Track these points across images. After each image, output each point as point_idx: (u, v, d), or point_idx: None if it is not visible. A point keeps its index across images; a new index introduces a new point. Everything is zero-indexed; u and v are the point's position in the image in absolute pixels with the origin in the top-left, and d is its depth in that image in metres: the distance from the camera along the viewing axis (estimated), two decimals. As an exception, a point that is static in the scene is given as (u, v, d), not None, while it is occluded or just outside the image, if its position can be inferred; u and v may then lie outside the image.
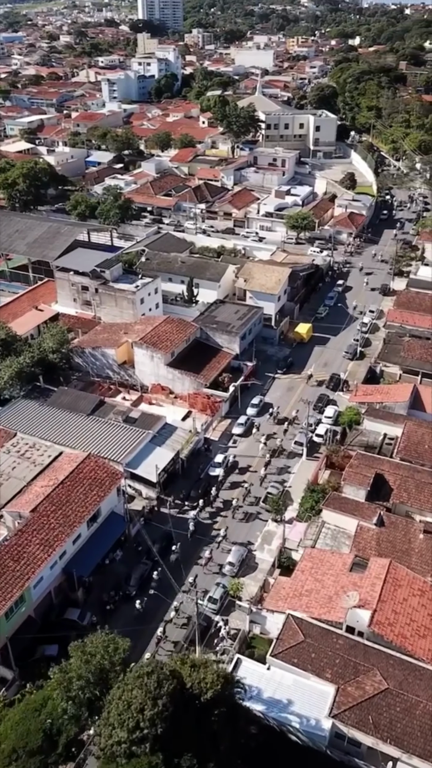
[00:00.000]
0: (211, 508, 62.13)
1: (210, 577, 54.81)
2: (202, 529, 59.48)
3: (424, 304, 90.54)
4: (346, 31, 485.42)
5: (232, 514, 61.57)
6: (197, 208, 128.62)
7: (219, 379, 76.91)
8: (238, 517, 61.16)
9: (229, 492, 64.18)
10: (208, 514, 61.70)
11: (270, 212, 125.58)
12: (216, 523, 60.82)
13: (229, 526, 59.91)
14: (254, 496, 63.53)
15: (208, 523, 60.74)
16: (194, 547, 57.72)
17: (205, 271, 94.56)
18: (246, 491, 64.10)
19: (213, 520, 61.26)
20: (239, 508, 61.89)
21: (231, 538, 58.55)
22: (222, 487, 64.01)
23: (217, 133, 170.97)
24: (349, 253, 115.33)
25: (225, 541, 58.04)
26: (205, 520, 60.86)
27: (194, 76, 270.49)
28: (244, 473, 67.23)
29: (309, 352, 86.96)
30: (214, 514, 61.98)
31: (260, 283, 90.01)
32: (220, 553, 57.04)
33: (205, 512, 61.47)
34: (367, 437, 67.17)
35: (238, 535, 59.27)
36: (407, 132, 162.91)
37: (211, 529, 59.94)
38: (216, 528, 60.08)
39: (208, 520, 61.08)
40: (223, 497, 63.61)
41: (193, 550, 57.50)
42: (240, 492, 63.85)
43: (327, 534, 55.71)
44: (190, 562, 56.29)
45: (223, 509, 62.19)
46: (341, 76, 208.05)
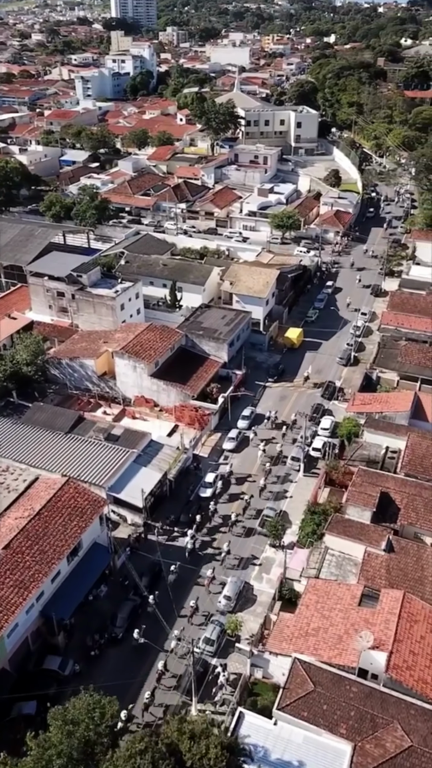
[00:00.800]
0: (205, 531, 57.47)
1: (213, 597, 50.76)
2: (196, 554, 54.80)
3: (419, 306, 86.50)
4: (321, 29, 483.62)
5: (230, 528, 57.17)
6: (177, 207, 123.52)
7: (207, 390, 71.92)
8: (238, 533, 56.97)
9: (227, 505, 59.98)
10: (207, 529, 57.58)
11: (253, 211, 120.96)
12: (215, 540, 56.62)
13: (230, 541, 55.85)
14: (254, 509, 59.12)
15: (207, 540, 56.59)
16: (192, 568, 53.52)
17: (188, 273, 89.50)
18: (246, 503, 59.67)
19: (212, 537, 56.95)
20: (238, 523, 57.67)
21: (233, 553, 54.93)
22: (214, 510, 59.17)
23: (196, 130, 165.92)
24: (336, 253, 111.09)
25: (228, 557, 54.14)
26: (203, 536, 56.92)
27: (170, 73, 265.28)
28: (242, 483, 63.03)
29: (301, 358, 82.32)
30: (212, 530, 57.76)
31: (247, 285, 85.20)
32: (224, 569, 53.19)
33: (201, 533, 57.16)
34: (368, 451, 62.65)
35: (239, 550, 55.28)
36: (390, 128, 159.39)
37: (210, 546, 55.90)
38: (215, 546, 55.87)
39: (207, 537, 56.90)
40: (221, 511, 59.19)
41: (191, 573, 53.16)
42: (239, 505, 59.71)
43: (331, 561, 50.97)
44: (189, 583, 52.27)
45: (222, 524, 58.08)
46: (320, 72, 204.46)
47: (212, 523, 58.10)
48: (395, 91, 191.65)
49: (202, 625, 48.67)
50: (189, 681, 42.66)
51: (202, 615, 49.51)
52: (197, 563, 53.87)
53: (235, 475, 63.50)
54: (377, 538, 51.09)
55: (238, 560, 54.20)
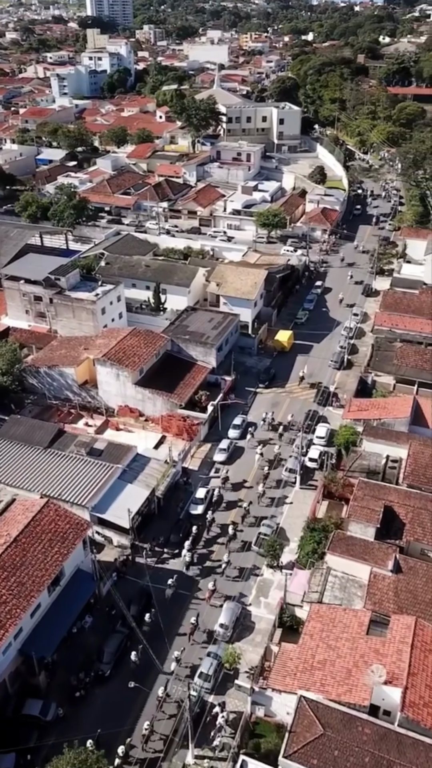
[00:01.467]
0: (202, 543, 54.39)
1: (216, 612, 47.66)
2: (188, 579, 50.82)
3: (412, 305, 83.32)
4: (299, 28, 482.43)
5: (228, 542, 53.66)
6: (159, 206, 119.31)
7: (195, 398, 68.03)
8: (237, 546, 53.64)
9: (225, 514, 56.98)
10: (204, 541, 54.43)
11: (238, 210, 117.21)
12: (212, 552, 53.35)
13: (229, 551, 52.95)
14: (254, 516, 56.18)
15: (205, 551, 53.40)
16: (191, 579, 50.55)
17: (172, 275, 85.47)
18: (245, 511, 56.50)
19: (209, 549, 53.58)
20: (239, 533, 54.43)
21: (233, 563, 52.09)
22: (212, 519, 55.80)
23: (176, 127, 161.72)
24: (324, 252, 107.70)
25: (229, 568, 51.39)
26: (201, 549, 53.81)
27: (148, 71, 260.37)
28: (239, 489, 59.78)
29: (292, 361, 78.70)
30: (210, 541, 54.39)
31: (235, 287, 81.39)
32: (225, 582, 50.37)
33: (198, 545, 54.04)
34: (368, 461, 59.14)
35: (241, 561, 52.15)
36: (374, 124, 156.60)
37: (208, 560, 52.71)
38: (213, 559, 52.53)
39: (204, 549, 53.61)
40: (219, 520, 56.06)
41: (190, 587, 50.05)
42: (237, 513, 56.72)
43: (334, 584, 47.30)
44: (188, 597, 49.30)
45: (220, 533, 54.94)
46: (301, 69, 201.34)
47: (210, 533, 54.88)
48: (378, 86, 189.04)
49: (204, 644, 45.55)
50: (185, 726, 38.68)
51: (203, 632, 46.44)
52: (195, 576, 51.25)
53: (231, 480, 60.76)
54: (383, 558, 47.56)
55: (238, 571, 51.44)
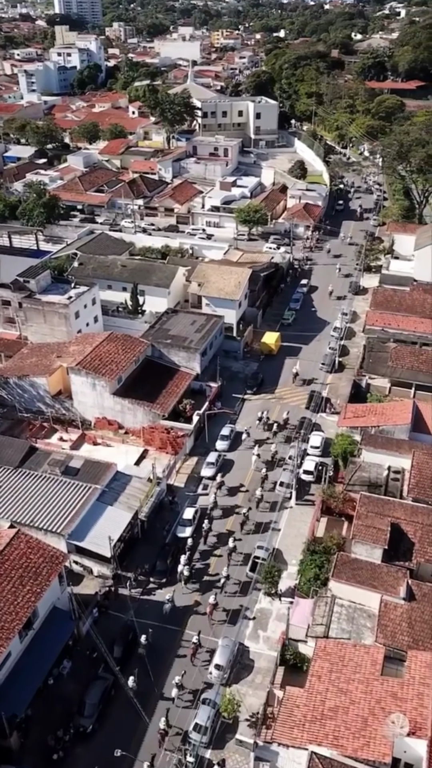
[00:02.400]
0: (198, 556, 50.24)
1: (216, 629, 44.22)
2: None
3: (404, 303, 79.25)
4: (270, 25, 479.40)
5: (229, 557, 49.37)
6: (134, 204, 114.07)
7: (179, 407, 62.97)
8: (237, 559, 49.71)
9: (223, 521, 53.34)
10: (200, 554, 50.23)
11: (216, 206, 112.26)
12: (209, 567, 49.34)
13: (228, 565, 49.02)
14: (254, 523, 52.60)
15: (202, 567, 49.21)
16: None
17: (150, 275, 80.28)
18: (244, 517, 52.68)
19: (205, 563, 49.68)
20: (237, 543, 50.53)
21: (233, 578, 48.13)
22: (209, 528, 52.03)
23: (150, 123, 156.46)
24: (308, 249, 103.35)
25: (228, 584, 47.49)
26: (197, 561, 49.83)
27: (119, 67, 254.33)
28: (234, 494, 56.13)
29: (280, 365, 74.06)
30: (207, 553, 50.22)
31: (217, 287, 76.50)
32: (224, 597, 46.57)
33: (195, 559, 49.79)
34: (369, 472, 54.68)
35: (240, 573, 48.33)
36: (353, 118, 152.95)
37: (206, 574, 48.83)
38: (211, 573, 48.50)
39: (201, 563, 49.53)
40: (216, 528, 52.54)
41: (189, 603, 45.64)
42: (235, 520, 53.09)
43: (341, 614, 42.67)
44: (188, 613, 45.27)
45: (217, 542, 51.48)
46: (276, 63, 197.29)
47: (207, 542, 51.16)
48: (356, 79, 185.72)
49: (205, 664, 41.99)
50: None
51: (206, 652, 42.91)
52: (194, 591, 47.60)
53: (227, 484, 57.06)
54: (393, 583, 43.10)
55: (239, 585, 47.57)
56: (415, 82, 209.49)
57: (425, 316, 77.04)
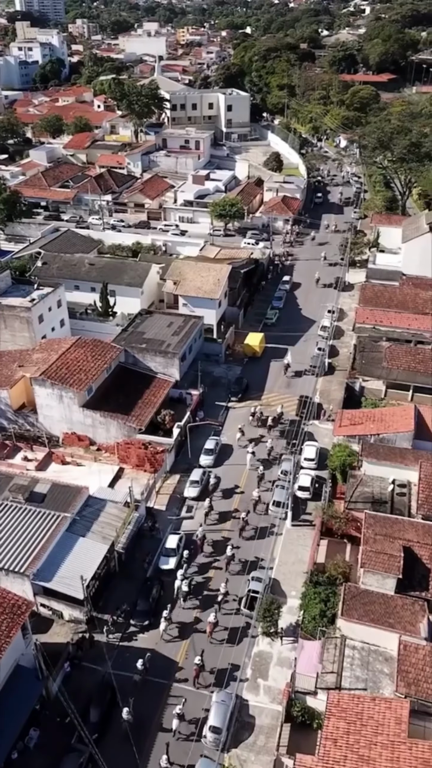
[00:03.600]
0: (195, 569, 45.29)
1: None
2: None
3: (395, 299, 74.16)
4: (236, 23, 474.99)
5: (227, 566, 45.12)
6: (102, 200, 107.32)
7: (157, 419, 56.70)
8: (236, 568, 45.35)
9: (219, 527, 48.84)
10: (197, 566, 45.20)
11: (190, 200, 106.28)
12: (210, 580, 44.74)
13: (227, 580, 44.24)
14: (253, 528, 48.41)
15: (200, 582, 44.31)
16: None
17: (121, 274, 73.81)
18: (243, 523, 48.31)
19: (204, 577, 45.06)
20: (236, 551, 46.01)
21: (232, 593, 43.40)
22: (203, 536, 47.21)
23: (117, 116, 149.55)
24: (289, 243, 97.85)
25: (225, 600, 42.85)
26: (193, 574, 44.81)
27: (83, 63, 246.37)
28: (230, 496, 51.78)
29: (265, 368, 68.29)
30: (204, 566, 45.82)
31: (195, 285, 70.39)
32: (222, 616, 41.74)
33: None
34: (371, 487, 49.13)
35: (239, 587, 43.53)
36: (327, 109, 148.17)
37: (205, 589, 44.14)
38: (211, 588, 43.83)
39: (199, 576, 45.01)
40: (211, 537, 47.82)
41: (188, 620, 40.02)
42: (233, 526, 48.70)
43: (353, 659, 36.91)
44: (187, 630, 38.66)
45: (213, 551, 47.00)
46: (245, 55, 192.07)
47: (202, 551, 46.70)
48: (329, 70, 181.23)
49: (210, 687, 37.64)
50: None
51: (210, 673, 38.45)
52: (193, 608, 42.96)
53: (221, 486, 52.91)
54: (411, 619, 37.52)
55: (236, 600, 43.01)
56: (386, 75, 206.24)
57: (418, 311, 72.15)
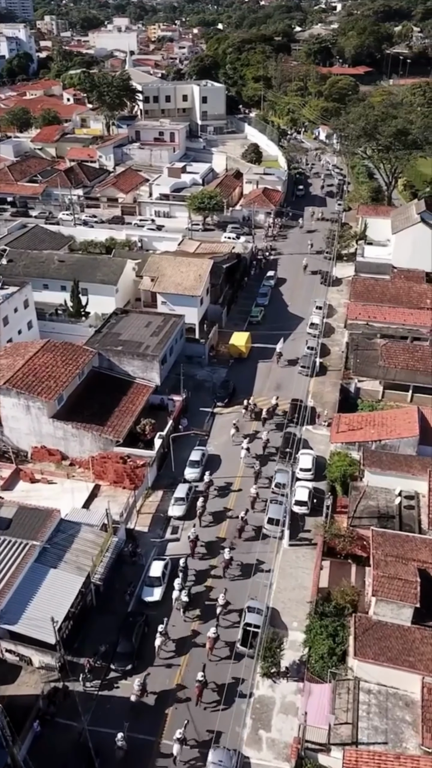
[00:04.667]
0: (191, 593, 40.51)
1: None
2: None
3: (387, 293, 69.76)
4: (207, 20, 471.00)
5: (225, 570, 41.53)
6: (73, 194, 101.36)
7: (137, 429, 51.31)
8: (235, 572, 41.74)
9: (216, 528, 45.21)
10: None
11: (166, 194, 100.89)
12: (211, 590, 40.78)
13: (226, 589, 40.10)
14: (253, 527, 44.64)
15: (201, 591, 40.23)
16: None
17: (94, 271, 68.22)
18: (242, 523, 44.45)
19: (205, 586, 41.13)
20: (232, 560, 42.22)
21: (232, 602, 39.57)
22: (195, 537, 43.26)
23: (87, 109, 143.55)
24: (271, 237, 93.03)
25: (224, 613, 38.93)
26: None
27: (52, 58, 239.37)
28: (226, 495, 48.09)
29: (253, 370, 63.29)
30: (201, 573, 41.84)
31: (174, 281, 65.11)
32: (223, 630, 37.83)
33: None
34: (376, 500, 44.40)
35: (238, 597, 39.56)
36: (305, 101, 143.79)
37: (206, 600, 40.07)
38: (212, 598, 39.89)
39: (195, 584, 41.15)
40: (206, 537, 44.33)
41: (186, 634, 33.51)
42: (230, 526, 45.10)
43: (370, 706, 32.04)
44: (186, 646, 35.54)
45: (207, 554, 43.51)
46: (219, 47, 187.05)
47: (194, 554, 43.09)
48: (305, 61, 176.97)
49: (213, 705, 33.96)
50: None
51: (213, 691, 34.80)
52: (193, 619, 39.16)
53: (216, 483, 49.10)
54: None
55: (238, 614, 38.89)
56: (362, 67, 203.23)
57: (413, 306, 67.83)
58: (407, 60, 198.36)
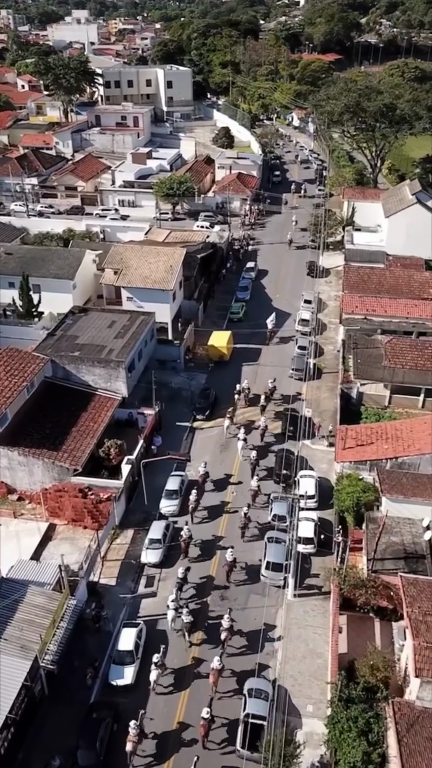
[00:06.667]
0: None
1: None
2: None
3: (385, 283, 61.63)
4: (170, 15, 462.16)
5: (228, 576, 35.73)
6: (26, 183, 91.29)
7: (100, 453, 41.86)
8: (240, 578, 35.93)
9: (211, 525, 39.66)
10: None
11: (130, 181, 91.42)
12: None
13: (230, 609, 33.41)
14: (257, 524, 39.25)
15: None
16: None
17: (47, 264, 58.46)
18: (244, 521, 38.58)
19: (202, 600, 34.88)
20: (235, 565, 36.12)
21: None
22: (189, 537, 37.47)
23: (43, 95, 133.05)
24: (249, 225, 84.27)
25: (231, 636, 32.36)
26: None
27: (7, 49, 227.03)
28: (224, 489, 42.47)
29: (236, 374, 54.24)
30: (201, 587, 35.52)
31: (142, 274, 55.73)
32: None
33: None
34: (400, 535, 35.80)
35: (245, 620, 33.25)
36: (276, 85, 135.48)
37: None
38: (212, 615, 33.90)
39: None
40: (201, 534, 38.63)
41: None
42: (228, 524, 39.54)
43: None
44: (185, 680, 28.79)
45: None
46: (183, 33, 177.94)
47: (186, 555, 37.35)
48: (275, 44, 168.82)
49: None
50: None
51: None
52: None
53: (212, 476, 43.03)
54: None
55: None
56: (332, 54, 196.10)
57: (415, 296, 59.76)
58: (379, 46, 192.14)
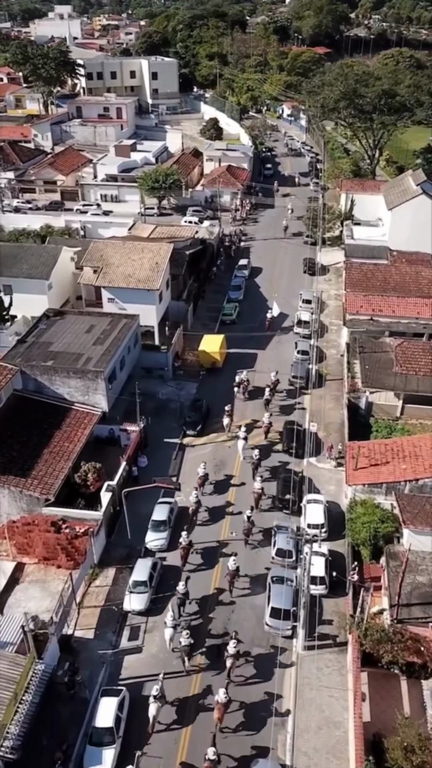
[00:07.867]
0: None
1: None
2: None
3: (390, 281, 56.73)
4: (155, 13, 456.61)
5: (231, 584, 32.31)
6: (2, 177, 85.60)
7: (76, 479, 36.36)
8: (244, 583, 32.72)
9: (212, 528, 36.45)
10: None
11: (113, 175, 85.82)
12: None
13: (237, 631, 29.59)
14: (260, 528, 36.03)
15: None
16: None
17: (20, 262, 52.75)
18: (248, 525, 35.15)
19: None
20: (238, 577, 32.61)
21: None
22: (189, 542, 33.96)
23: (22, 88, 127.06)
24: (240, 221, 79.04)
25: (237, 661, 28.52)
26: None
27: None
28: (226, 490, 39.22)
29: (230, 383, 48.52)
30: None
31: (124, 272, 50.25)
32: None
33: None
34: (427, 573, 30.66)
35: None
36: (266, 77, 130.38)
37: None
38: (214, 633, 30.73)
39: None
40: (201, 537, 35.56)
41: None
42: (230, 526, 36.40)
43: None
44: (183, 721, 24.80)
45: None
46: (168, 25, 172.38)
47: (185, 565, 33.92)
48: (264, 34, 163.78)
49: None
50: None
51: None
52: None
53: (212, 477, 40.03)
54: None
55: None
56: (321, 48, 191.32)
57: (423, 295, 54.80)
58: (369, 39, 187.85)
